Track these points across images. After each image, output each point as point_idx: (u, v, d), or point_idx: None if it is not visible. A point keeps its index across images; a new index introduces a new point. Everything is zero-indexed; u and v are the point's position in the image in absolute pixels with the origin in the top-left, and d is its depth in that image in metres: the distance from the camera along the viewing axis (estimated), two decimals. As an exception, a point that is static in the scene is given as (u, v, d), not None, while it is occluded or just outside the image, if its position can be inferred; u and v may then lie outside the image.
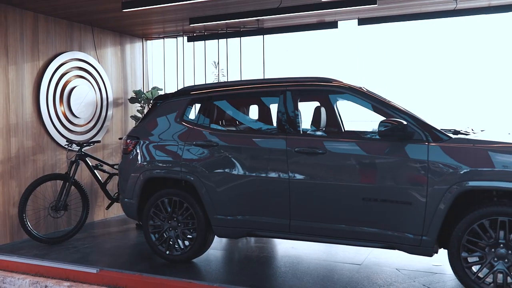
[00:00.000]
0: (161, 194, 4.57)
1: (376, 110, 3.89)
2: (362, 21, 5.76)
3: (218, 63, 7.40)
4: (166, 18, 6.30)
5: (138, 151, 4.71)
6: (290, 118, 4.13)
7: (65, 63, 6.05)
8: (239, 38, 6.92)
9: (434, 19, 5.44)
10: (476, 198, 3.62)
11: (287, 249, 5.01)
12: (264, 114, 4.90)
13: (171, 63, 7.51)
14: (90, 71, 6.44)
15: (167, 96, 4.89)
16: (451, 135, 3.68)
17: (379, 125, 3.62)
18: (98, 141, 6.00)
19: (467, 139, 3.58)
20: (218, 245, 5.23)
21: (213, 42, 7.28)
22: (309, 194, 3.94)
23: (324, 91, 4.22)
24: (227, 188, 4.24)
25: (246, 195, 4.19)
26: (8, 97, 5.34)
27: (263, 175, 4.11)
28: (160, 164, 4.57)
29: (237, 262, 4.64)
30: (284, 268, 4.36)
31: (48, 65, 5.80)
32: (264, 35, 6.75)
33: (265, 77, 6.57)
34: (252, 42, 7.24)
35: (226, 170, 4.25)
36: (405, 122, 3.62)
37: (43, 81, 5.73)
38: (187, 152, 4.45)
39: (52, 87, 5.87)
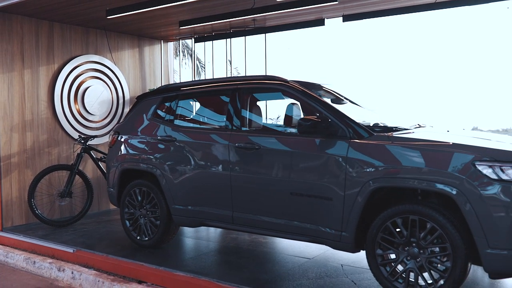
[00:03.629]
0: (133, 184, 5.01)
1: (311, 107, 3.97)
2: (346, 18, 5.74)
3: (231, 61, 7.74)
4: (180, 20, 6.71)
5: (118, 145, 5.20)
6: (236, 115, 4.35)
7: (80, 66, 6.74)
8: (243, 37, 7.19)
9: (416, 12, 5.29)
10: (405, 196, 3.58)
11: (256, 242, 5.21)
12: (220, 111, 5.10)
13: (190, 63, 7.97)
14: (106, 72, 7.09)
15: (146, 94, 5.32)
16: (387, 132, 3.67)
17: (298, 121, 3.72)
18: (95, 136, 6.59)
19: (387, 136, 3.55)
20: (202, 234, 5.58)
21: (226, 42, 7.62)
22: (246, 187, 4.14)
23: (269, 89, 4.37)
24: (182, 180, 4.57)
25: (197, 187, 4.49)
26: (23, 97, 6.12)
27: (211, 168, 4.38)
28: (132, 157, 5.02)
29: (196, 250, 4.94)
30: (235, 258, 4.59)
31: (63, 67, 6.52)
32: (263, 34, 6.95)
33: (230, 76, 6.72)
34: (257, 41, 7.48)
35: (181, 163, 4.58)
36: (329, 119, 3.69)
37: (57, 82, 6.45)
38: (153, 146, 4.84)
39: (67, 87, 6.57)
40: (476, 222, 3.09)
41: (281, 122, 4.82)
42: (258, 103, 4.72)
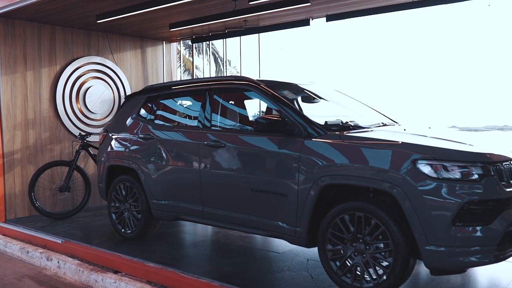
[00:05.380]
0: (118, 180, 5.28)
1: (272, 106, 4.11)
2: (329, 18, 5.82)
3: (226, 60, 7.91)
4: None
5: (106, 142, 5.49)
6: (207, 114, 4.53)
7: (82, 67, 7.08)
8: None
9: (396, 11, 5.32)
10: (359, 193, 3.67)
11: (237, 236, 5.38)
12: (194, 110, 5.26)
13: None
14: (107, 72, 7.41)
15: (133, 94, 5.57)
16: (337, 130, 3.77)
17: (256, 120, 3.87)
18: (91, 134, 6.90)
19: (339, 135, 3.65)
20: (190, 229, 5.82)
21: (223, 42, 7.83)
22: (214, 183, 4.33)
23: (237, 89, 4.53)
24: (158, 176, 4.80)
25: (172, 182, 4.71)
26: (26, 97, 6.50)
27: (184, 165, 4.59)
28: (117, 154, 5.29)
29: (176, 243, 5.16)
30: (209, 251, 4.79)
31: (65, 68, 6.88)
32: (257, 35, 7.11)
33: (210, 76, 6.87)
34: (253, 41, 7.64)
35: (158, 160, 4.81)
36: (286, 118, 3.82)
37: (59, 82, 6.82)
38: (135, 143, 5.10)
39: (69, 87, 6.93)
40: (415, 219, 3.17)
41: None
42: (231, 102, 4.88)
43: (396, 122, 4.77)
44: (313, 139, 3.69)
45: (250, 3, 4.82)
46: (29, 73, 6.53)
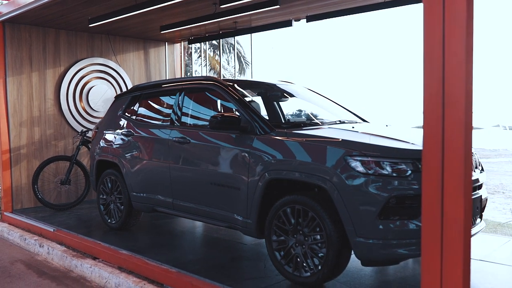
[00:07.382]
0: (105, 173, 5.66)
1: (231, 104, 4.36)
2: (310, 18, 5.98)
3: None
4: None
5: (97, 138, 5.88)
6: (177, 112, 4.83)
7: (85, 67, 7.53)
8: (233, 38, 7.64)
9: (372, 11, 5.43)
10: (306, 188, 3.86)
11: (219, 229, 5.65)
12: (169, 109, 5.51)
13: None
14: (110, 72, 7.84)
15: (122, 94, 5.94)
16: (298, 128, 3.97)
17: (210, 118, 4.12)
18: (89, 130, 7.33)
19: (285, 132, 3.86)
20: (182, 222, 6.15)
21: (219, 42, 8.09)
22: (180, 176, 4.62)
23: (204, 88, 4.79)
24: (136, 170, 5.14)
25: (147, 176, 5.03)
26: (31, 96, 7.00)
27: (157, 160, 4.91)
28: (105, 149, 5.67)
29: (156, 233, 5.47)
30: (182, 242, 5.08)
31: (69, 69, 7.35)
32: (250, 35, 7.34)
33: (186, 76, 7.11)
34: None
35: (136, 155, 5.16)
36: (240, 116, 4.06)
37: (63, 82, 7.29)
38: (118, 139, 5.46)
39: (72, 87, 7.39)
40: (345, 212, 3.34)
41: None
42: (199, 100, 5.13)
43: (365, 120, 4.91)
44: (263, 136, 3.91)
45: (221, 6, 5.07)
46: (34, 74, 7.03)
